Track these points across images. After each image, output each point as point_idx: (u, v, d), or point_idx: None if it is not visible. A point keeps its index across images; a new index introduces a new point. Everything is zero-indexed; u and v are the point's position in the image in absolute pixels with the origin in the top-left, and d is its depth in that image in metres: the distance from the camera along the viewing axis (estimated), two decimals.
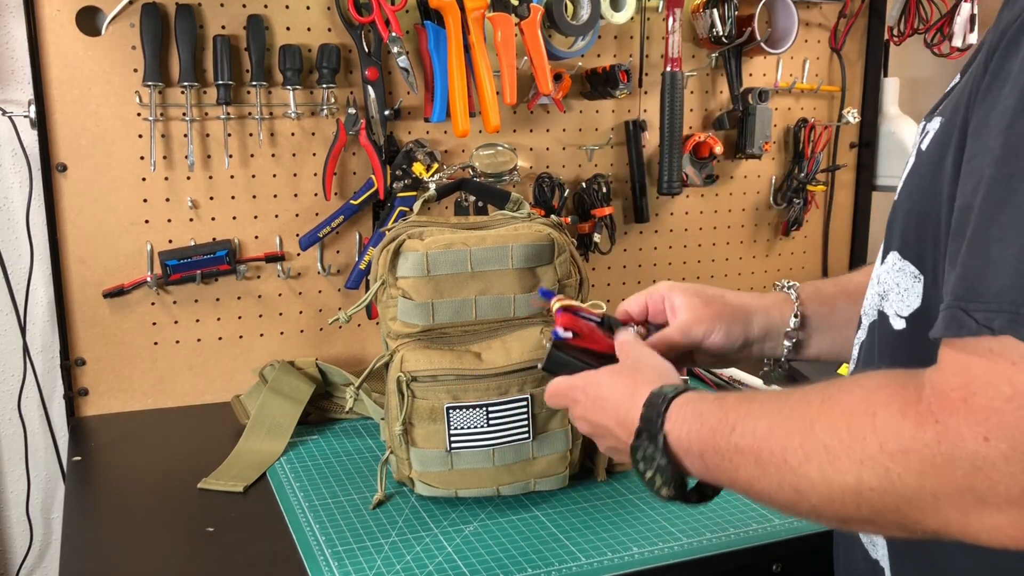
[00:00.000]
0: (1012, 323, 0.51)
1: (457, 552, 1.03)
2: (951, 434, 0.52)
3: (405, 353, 1.11)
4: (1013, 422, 0.50)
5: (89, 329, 1.45)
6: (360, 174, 1.56)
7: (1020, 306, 0.51)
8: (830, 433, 0.57)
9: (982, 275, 0.53)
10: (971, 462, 0.51)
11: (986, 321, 0.52)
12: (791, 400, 0.63)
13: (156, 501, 1.17)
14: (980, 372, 0.52)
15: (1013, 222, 0.52)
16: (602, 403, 0.80)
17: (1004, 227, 0.53)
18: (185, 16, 1.40)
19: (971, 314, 0.53)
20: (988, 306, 0.52)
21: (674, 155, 1.67)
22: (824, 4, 1.80)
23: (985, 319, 0.52)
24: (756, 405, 0.65)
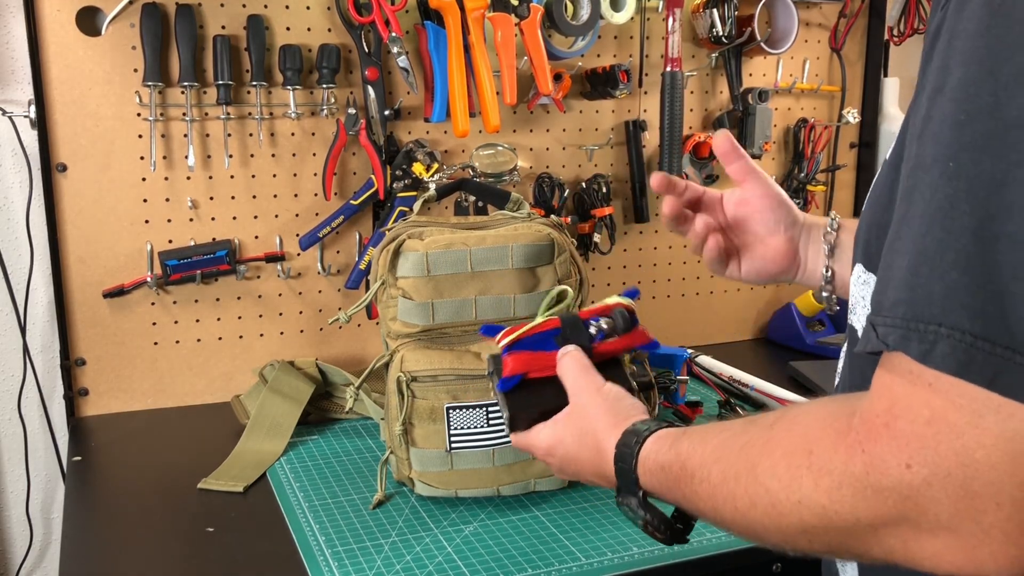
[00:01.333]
0: (903, 339, 0.50)
1: (457, 552, 1.03)
2: (876, 463, 0.51)
3: (405, 353, 1.11)
4: (933, 447, 0.49)
5: (89, 329, 1.45)
6: (360, 174, 1.56)
7: (910, 320, 0.50)
8: (770, 475, 0.58)
9: (885, 288, 0.52)
10: (897, 491, 0.50)
11: (883, 336, 0.51)
12: (740, 440, 0.62)
13: (156, 501, 1.17)
14: (902, 394, 0.51)
15: (910, 232, 0.51)
16: (576, 463, 0.80)
17: (903, 239, 0.51)
18: (185, 16, 1.40)
19: (875, 328, 0.52)
20: (885, 320, 0.51)
21: (674, 155, 1.67)
22: (824, 4, 1.80)
23: (883, 333, 0.51)
24: (709, 449, 0.65)
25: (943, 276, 0.48)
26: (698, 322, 1.85)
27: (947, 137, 0.50)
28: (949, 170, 0.49)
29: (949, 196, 0.49)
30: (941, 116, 0.50)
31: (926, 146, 0.51)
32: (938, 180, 0.50)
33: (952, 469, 0.48)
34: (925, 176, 0.51)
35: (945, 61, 0.51)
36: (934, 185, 0.50)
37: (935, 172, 0.50)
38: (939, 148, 0.50)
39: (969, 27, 0.50)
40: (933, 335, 0.48)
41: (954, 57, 0.51)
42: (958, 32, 0.51)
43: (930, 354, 0.48)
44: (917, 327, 0.49)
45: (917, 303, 0.49)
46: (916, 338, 0.49)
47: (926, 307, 0.49)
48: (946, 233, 0.49)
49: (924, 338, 0.49)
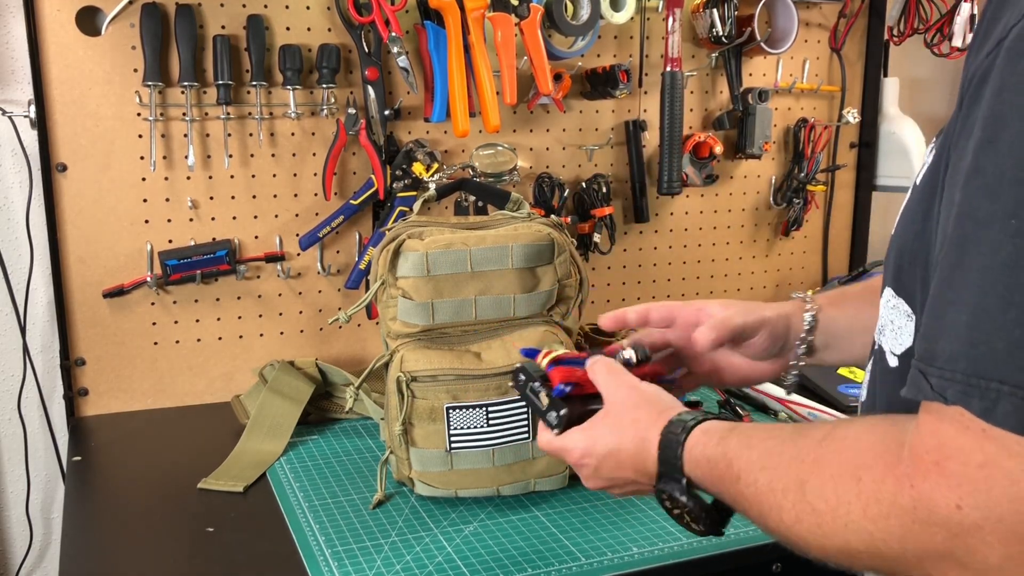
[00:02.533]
0: (963, 395, 0.50)
1: (457, 552, 1.03)
2: (925, 500, 0.52)
3: (405, 353, 1.11)
4: (985, 490, 0.50)
5: (89, 329, 1.45)
6: (360, 174, 1.56)
7: (971, 376, 0.50)
8: (818, 496, 0.59)
9: (938, 338, 0.53)
10: (947, 528, 0.51)
11: (940, 388, 0.52)
12: (789, 452, 0.63)
13: (156, 501, 1.17)
14: (952, 435, 0.51)
15: (965, 287, 0.51)
16: (615, 458, 0.79)
17: (958, 290, 0.52)
18: (185, 16, 1.40)
19: (928, 378, 0.53)
20: (942, 372, 0.52)
21: (674, 155, 1.67)
22: (824, 4, 1.80)
23: (939, 386, 0.52)
24: (755, 454, 0.66)
25: (1007, 333, 0.49)
26: None
27: (1006, 194, 0.50)
28: (1010, 227, 0.49)
29: (1011, 254, 0.49)
30: (997, 171, 0.51)
31: (980, 200, 0.52)
32: (999, 236, 0.50)
33: (1005, 515, 0.49)
34: (982, 231, 0.51)
35: (997, 112, 0.51)
36: (995, 242, 0.50)
37: (995, 228, 0.50)
38: (998, 205, 0.50)
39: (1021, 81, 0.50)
40: (995, 393, 0.49)
41: (1009, 111, 0.51)
42: (1010, 85, 0.51)
43: (991, 412, 0.49)
44: (979, 383, 0.50)
45: (978, 359, 0.50)
46: (977, 395, 0.50)
47: (988, 364, 0.50)
48: (1009, 291, 0.49)
49: (985, 395, 0.49)
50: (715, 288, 1.85)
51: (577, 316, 1.18)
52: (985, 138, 0.52)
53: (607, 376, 0.83)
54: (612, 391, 0.81)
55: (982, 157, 0.52)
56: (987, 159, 0.51)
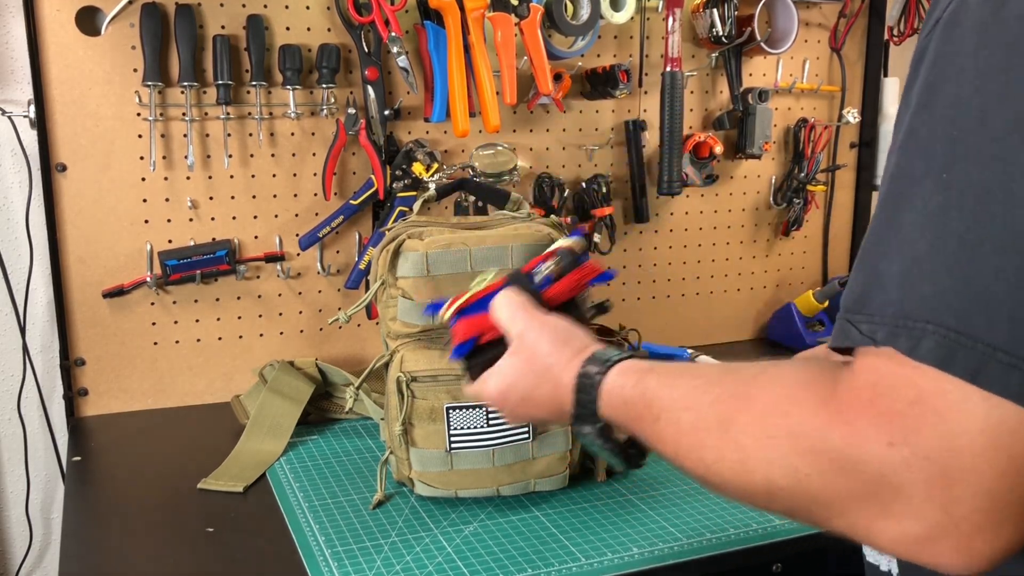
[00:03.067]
0: (891, 335, 0.51)
1: (457, 552, 1.03)
2: (858, 437, 0.51)
3: (405, 353, 1.11)
4: (916, 427, 0.49)
5: (89, 329, 1.45)
6: (360, 174, 1.55)
7: (899, 318, 0.51)
8: (743, 432, 0.58)
9: (868, 289, 0.54)
10: (875, 467, 0.50)
11: (869, 332, 0.52)
12: (714, 391, 0.62)
13: (156, 501, 1.17)
14: (887, 373, 0.51)
15: (897, 239, 0.53)
16: (530, 403, 0.80)
17: (889, 244, 0.53)
18: (185, 16, 1.40)
19: (856, 325, 0.53)
20: (871, 318, 0.53)
21: (674, 155, 1.67)
22: (824, 4, 1.80)
23: (868, 330, 0.52)
24: (678, 394, 0.66)
25: (933, 279, 0.50)
26: (698, 322, 1.85)
27: (939, 151, 0.52)
28: (941, 182, 0.51)
29: (941, 205, 0.51)
30: (930, 132, 0.52)
31: (913, 159, 0.53)
32: (930, 190, 0.51)
33: (932, 453, 0.49)
34: (915, 187, 0.53)
35: (932, 80, 0.53)
36: (926, 195, 0.52)
37: (927, 183, 0.52)
38: (930, 162, 0.52)
39: (959, 48, 0.52)
40: (920, 331, 0.50)
41: (944, 77, 0.53)
42: (946, 53, 0.53)
43: (916, 349, 0.50)
44: (906, 324, 0.51)
45: (907, 303, 0.51)
46: (904, 334, 0.50)
47: (915, 307, 0.51)
48: (937, 239, 0.51)
49: (911, 334, 0.50)
50: (715, 288, 1.85)
51: None
52: (919, 104, 0.54)
53: (512, 318, 0.82)
54: (520, 334, 0.81)
55: (916, 121, 0.54)
56: (920, 122, 0.53)
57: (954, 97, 0.52)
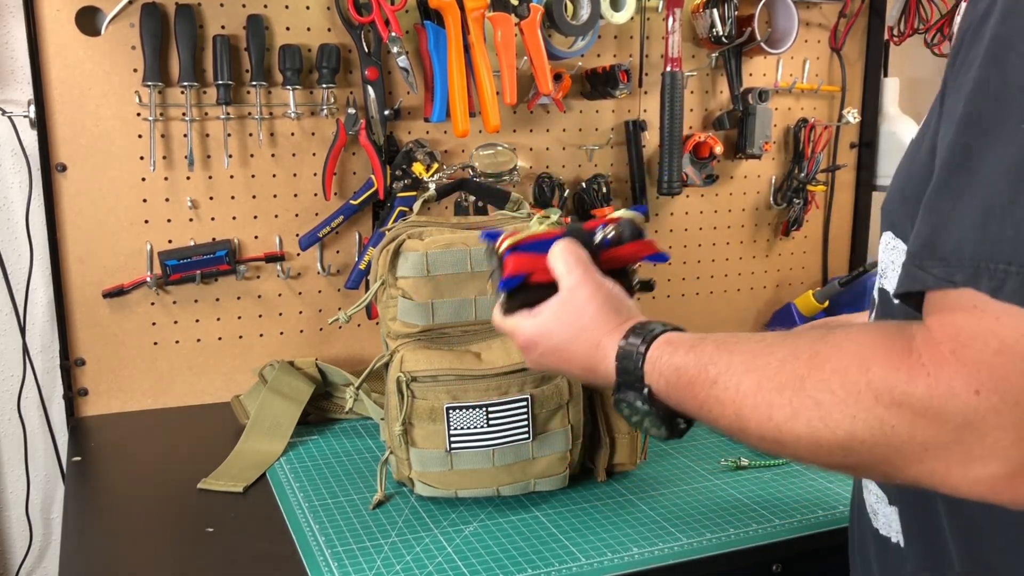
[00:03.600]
0: (973, 276, 0.52)
1: (457, 552, 1.03)
2: (942, 386, 0.52)
3: (405, 353, 1.11)
4: (1003, 375, 0.51)
5: (89, 329, 1.45)
6: (360, 174, 1.55)
7: (979, 260, 0.52)
8: (822, 388, 0.58)
9: (939, 232, 0.54)
10: (962, 415, 0.52)
11: (946, 275, 0.53)
12: (777, 356, 0.63)
13: (156, 501, 1.17)
14: (966, 326, 0.52)
15: (973, 183, 0.53)
16: (561, 354, 0.80)
17: (963, 188, 0.54)
18: (185, 16, 1.40)
19: (928, 271, 0.54)
20: (947, 261, 0.53)
21: (674, 155, 1.67)
22: (824, 4, 1.80)
23: (945, 273, 0.53)
24: (737, 358, 0.66)
25: (1016, 223, 0.51)
26: (698, 322, 1.85)
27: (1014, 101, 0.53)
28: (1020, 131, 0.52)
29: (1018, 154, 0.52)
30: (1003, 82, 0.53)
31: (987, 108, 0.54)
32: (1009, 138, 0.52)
33: (1021, 399, 0.50)
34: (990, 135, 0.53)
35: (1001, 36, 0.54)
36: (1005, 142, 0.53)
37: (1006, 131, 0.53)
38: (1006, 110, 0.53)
39: None
40: (1003, 273, 0.51)
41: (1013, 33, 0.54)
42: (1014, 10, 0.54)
43: (1000, 290, 0.51)
44: (987, 266, 0.51)
45: (986, 244, 0.52)
46: (987, 275, 0.51)
47: (997, 248, 0.51)
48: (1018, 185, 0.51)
49: (995, 275, 0.51)
50: (715, 288, 1.85)
51: None
52: (989, 58, 0.55)
53: (569, 269, 0.82)
54: (573, 287, 0.81)
55: (987, 72, 0.54)
56: (993, 73, 0.54)
57: None
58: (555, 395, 1.11)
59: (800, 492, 1.19)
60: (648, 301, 1.79)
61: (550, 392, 1.11)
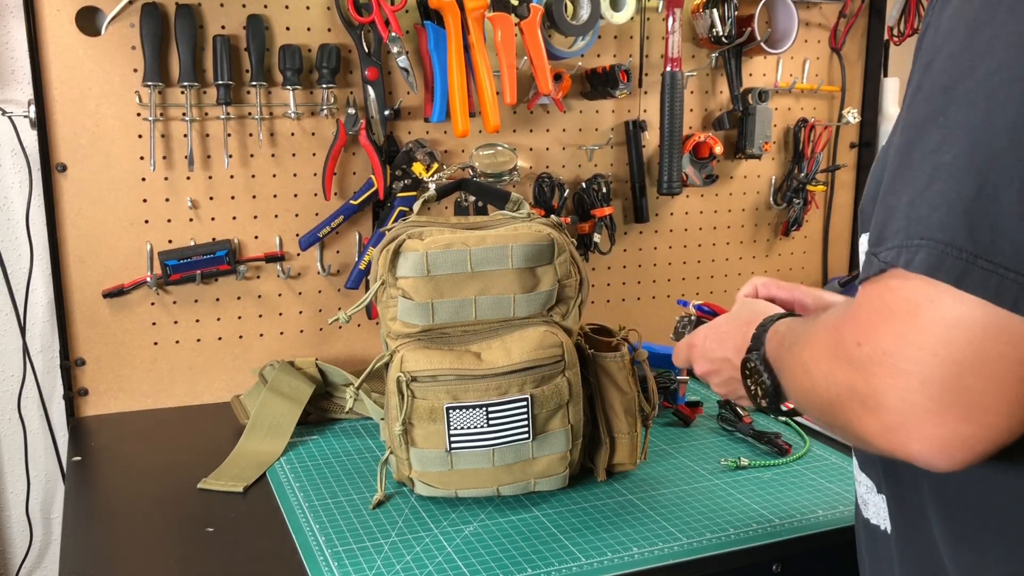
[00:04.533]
0: (896, 256, 0.57)
1: (457, 552, 1.03)
2: (842, 340, 0.60)
3: (405, 353, 1.11)
4: (878, 329, 0.57)
5: (89, 329, 1.45)
6: (360, 174, 1.56)
7: (904, 239, 0.57)
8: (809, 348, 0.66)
9: (884, 223, 0.59)
10: (853, 365, 0.59)
11: (884, 257, 0.58)
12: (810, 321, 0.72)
13: (156, 501, 1.17)
14: (868, 290, 0.59)
15: (904, 177, 0.59)
16: (722, 337, 0.92)
17: (899, 183, 0.59)
18: (185, 16, 1.40)
19: (877, 256, 0.59)
20: (886, 245, 0.58)
21: (674, 155, 1.67)
22: (824, 4, 1.80)
23: (884, 256, 0.58)
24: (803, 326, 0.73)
25: (929, 203, 0.56)
26: None
27: (938, 99, 0.58)
28: (939, 123, 0.57)
29: (938, 142, 0.57)
30: (931, 85, 0.59)
31: (919, 109, 0.60)
32: (931, 133, 0.58)
33: (888, 348, 0.56)
34: (919, 133, 0.59)
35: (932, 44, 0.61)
36: (927, 138, 0.58)
37: (929, 128, 0.58)
38: (931, 107, 0.58)
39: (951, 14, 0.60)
40: (915, 247, 0.56)
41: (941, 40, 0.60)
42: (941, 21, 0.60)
43: (911, 262, 0.56)
44: (906, 243, 0.57)
45: (910, 227, 0.57)
46: (904, 253, 0.56)
47: (915, 228, 0.56)
48: (934, 170, 0.56)
49: (909, 250, 0.56)
50: (715, 288, 1.85)
51: (577, 316, 1.18)
52: (923, 65, 0.61)
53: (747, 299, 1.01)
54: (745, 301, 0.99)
55: (922, 78, 0.60)
56: (926, 78, 0.60)
57: (948, 54, 0.58)
58: (555, 395, 1.11)
59: (800, 492, 1.19)
60: (648, 301, 1.80)
61: (550, 392, 1.11)
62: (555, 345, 1.11)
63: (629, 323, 1.31)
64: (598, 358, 1.20)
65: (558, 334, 1.13)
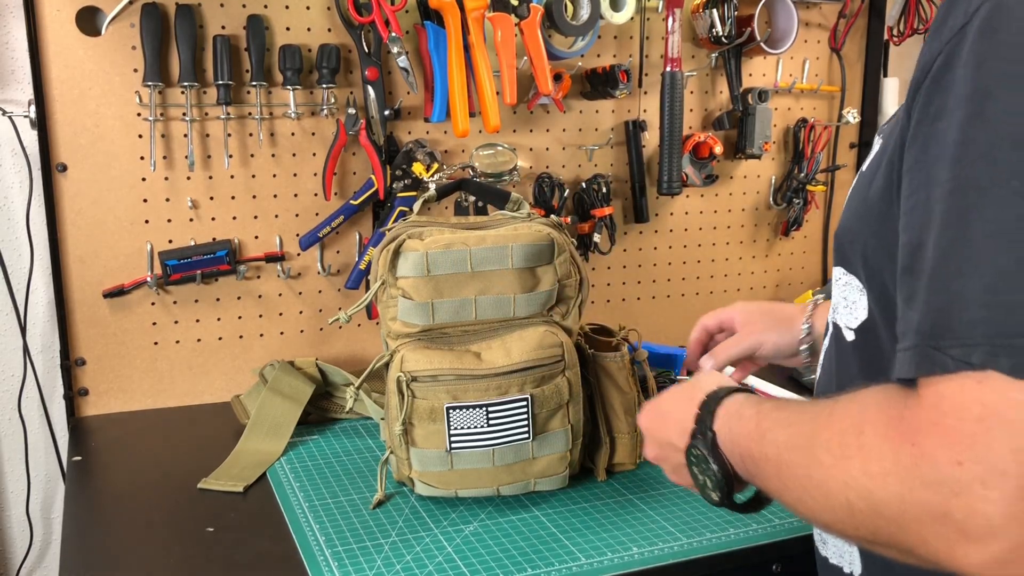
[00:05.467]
0: (991, 356, 0.49)
1: (457, 552, 1.03)
2: (927, 457, 0.50)
3: (405, 353, 1.11)
4: (985, 443, 0.48)
5: (89, 329, 1.45)
6: (360, 174, 1.56)
7: (994, 337, 0.49)
8: (825, 450, 0.57)
9: (949, 310, 0.51)
10: (948, 486, 0.49)
11: (964, 356, 0.50)
12: (810, 411, 0.62)
13: (156, 501, 1.17)
14: (950, 393, 0.50)
15: (973, 256, 0.51)
16: (664, 418, 0.82)
17: (965, 261, 0.51)
18: (185, 16, 1.40)
19: (945, 352, 0.51)
20: (963, 341, 0.50)
21: (674, 155, 1.67)
22: (824, 4, 1.80)
23: (962, 354, 0.50)
24: (784, 414, 0.64)
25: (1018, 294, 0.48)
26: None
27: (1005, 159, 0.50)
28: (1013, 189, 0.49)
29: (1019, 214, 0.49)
30: (991, 139, 0.51)
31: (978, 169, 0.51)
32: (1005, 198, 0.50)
33: (1008, 468, 0.47)
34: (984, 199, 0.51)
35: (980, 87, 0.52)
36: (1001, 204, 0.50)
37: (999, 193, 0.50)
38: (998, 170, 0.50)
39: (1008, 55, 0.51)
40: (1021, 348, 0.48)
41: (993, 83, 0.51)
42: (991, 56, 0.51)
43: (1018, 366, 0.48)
44: (1004, 343, 0.49)
45: (1001, 320, 0.49)
46: (1005, 353, 0.48)
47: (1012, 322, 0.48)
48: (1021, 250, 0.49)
49: (1013, 352, 0.48)
50: (715, 288, 1.85)
51: (577, 316, 1.18)
52: (972, 112, 0.52)
53: None
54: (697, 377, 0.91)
55: (972, 130, 0.52)
56: (978, 131, 0.51)
57: (1013, 103, 0.50)
58: (555, 395, 1.11)
59: None
60: (648, 301, 1.80)
61: (550, 392, 1.11)
62: (555, 345, 1.11)
63: (629, 323, 1.31)
64: (598, 358, 1.20)
65: (558, 334, 1.13)
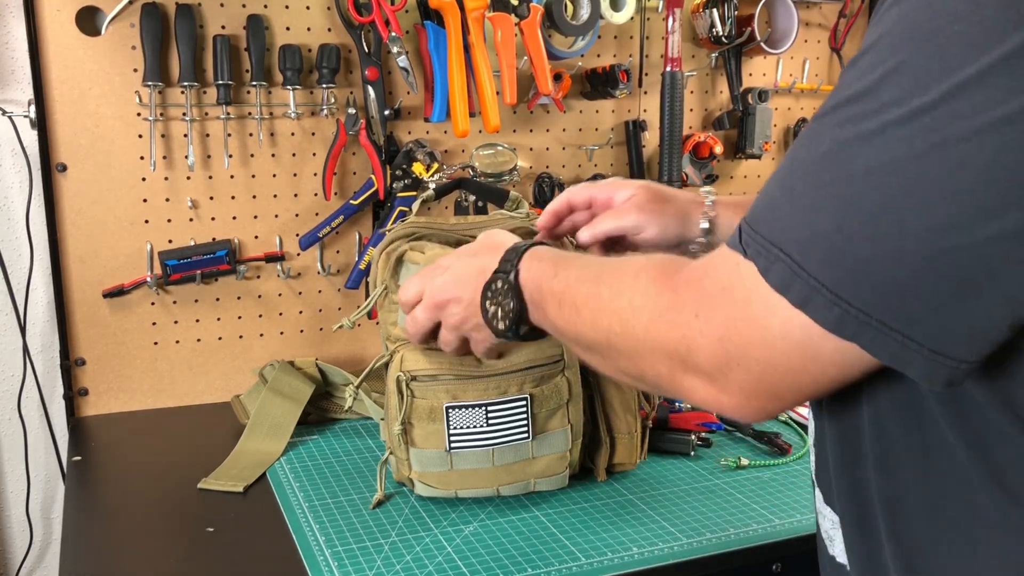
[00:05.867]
0: (757, 254, 0.58)
1: (457, 552, 1.03)
2: (677, 304, 0.64)
3: (405, 353, 1.11)
4: (716, 306, 0.61)
5: (89, 329, 1.45)
6: (360, 174, 1.56)
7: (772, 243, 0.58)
8: (606, 285, 0.72)
9: (771, 207, 0.60)
10: (682, 330, 0.63)
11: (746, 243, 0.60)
12: (601, 260, 0.76)
13: (156, 501, 1.17)
14: (717, 264, 0.62)
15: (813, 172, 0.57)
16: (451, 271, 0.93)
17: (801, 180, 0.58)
18: (185, 16, 1.40)
19: (742, 231, 0.61)
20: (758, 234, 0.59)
21: (674, 155, 1.67)
22: (824, 4, 1.80)
23: (751, 248, 0.59)
24: (578, 261, 0.79)
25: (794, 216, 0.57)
26: None
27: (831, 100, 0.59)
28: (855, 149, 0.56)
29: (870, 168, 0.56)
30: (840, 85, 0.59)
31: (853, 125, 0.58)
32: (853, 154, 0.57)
33: (722, 332, 0.61)
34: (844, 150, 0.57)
35: None
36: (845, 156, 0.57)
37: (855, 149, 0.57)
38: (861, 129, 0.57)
39: None
40: (774, 258, 0.58)
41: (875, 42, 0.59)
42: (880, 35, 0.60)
43: (768, 272, 0.58)
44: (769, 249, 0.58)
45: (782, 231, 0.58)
46: (764, 258, 0.58)
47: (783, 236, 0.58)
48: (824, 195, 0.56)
49: (768, 259, 0.58)
50: None
51: None
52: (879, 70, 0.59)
53: None
54: None
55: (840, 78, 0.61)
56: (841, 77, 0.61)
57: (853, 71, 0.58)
58: (555, 395, 1.11)
59: (800, 492, 1.19)
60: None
61: (550, 392, 1.11)
62: (554, 344, 1.11)
63: None
64: None
65: None
